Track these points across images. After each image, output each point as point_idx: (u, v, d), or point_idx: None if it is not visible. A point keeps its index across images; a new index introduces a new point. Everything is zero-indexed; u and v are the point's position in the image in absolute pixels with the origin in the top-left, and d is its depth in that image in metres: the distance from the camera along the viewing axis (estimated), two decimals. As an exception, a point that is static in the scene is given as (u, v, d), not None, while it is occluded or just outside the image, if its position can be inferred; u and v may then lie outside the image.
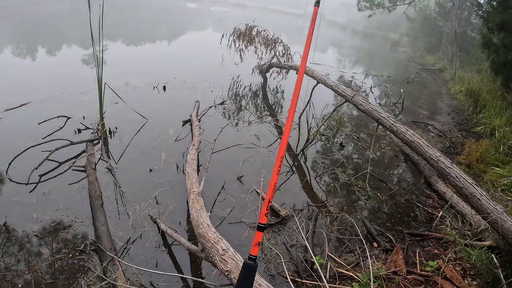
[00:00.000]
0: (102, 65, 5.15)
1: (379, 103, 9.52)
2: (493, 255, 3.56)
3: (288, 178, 4.99)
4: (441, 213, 4.72)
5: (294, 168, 5.32)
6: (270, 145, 5.93)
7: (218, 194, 4.39)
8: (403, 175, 5.75)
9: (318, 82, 6.07)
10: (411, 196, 5.10)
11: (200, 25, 22.57)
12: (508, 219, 3.42)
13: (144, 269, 3.03)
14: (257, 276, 2.37)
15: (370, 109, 4.95)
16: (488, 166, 5.90)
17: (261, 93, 8.67)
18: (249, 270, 1.18)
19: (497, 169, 5.55)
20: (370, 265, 3.17)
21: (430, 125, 8.50)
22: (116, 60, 9.87)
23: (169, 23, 20.83)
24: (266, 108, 7.87)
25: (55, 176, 4.34)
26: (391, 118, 4.70)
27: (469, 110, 10.04)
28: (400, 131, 4.47)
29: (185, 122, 6.14)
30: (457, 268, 3.95)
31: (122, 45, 13.33)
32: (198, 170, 4.44)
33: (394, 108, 9.15)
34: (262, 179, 3.60)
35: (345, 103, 5.67)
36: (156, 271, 3.02)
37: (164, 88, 7.67)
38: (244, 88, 8.72)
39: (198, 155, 4.87)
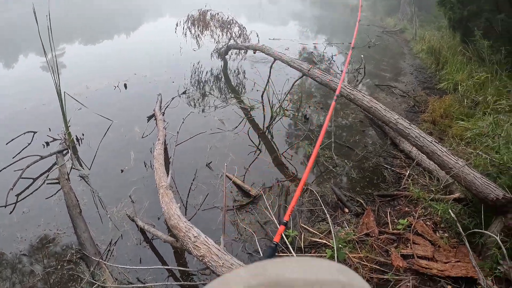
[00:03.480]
0: (58, 73, 5.11)
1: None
2: (449, 208, 3.78)
3: (256, 158, 5.15)
4: (408, 171, 4.92)
5: (261, 147, 5.49)
6: (236, 127, 6.04)
7: (191, 184, 4.51)
8: (369, 139, 5.96)
9: (274, 59, 6.15)
10: (378, 158, 5.30)
11: (156, 13, 22.00)
12: (470, 171, 3.60)
13: (129, 267, 3.18)
14: (228, 256, 2.53)
15: (326, 80, 5.10)
16: (453, 120, 6.10)
17: (223, 76, 8.66)
18: (271, 251, 1.36)
19: (462, 122, 5.71)
20: (334, 232, 3.36)
21: (393, 87, 8.72)
22: (75, 63, 9.67)
23: (124, 15, 20.04)
24: (229, 90, 7.92)
25: (31, 193, 4.40)
26: (348, 87, 4.85)
27: (431, 68, 10.27)
28: (357, 99, 4.63)
29: (149, 118, 6.17)
30: (428, 223, 4.15)
31: (80, 46, 12.95)
32: (169, 163, 4.52)
33: (357, 74, 9.32)
34: (226, 164, 3.76)
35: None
36: (140, 267, 3.16)
37: (125, 86, 7.59)
38: (206, 73, 8.69)
39: (166, 148, 4.96)
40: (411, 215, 4.19)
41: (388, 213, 4.29)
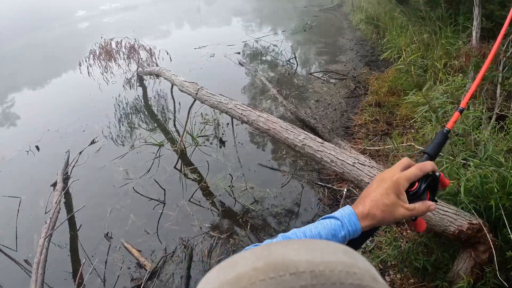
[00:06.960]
0: None
1: (288, 61, 9.03)
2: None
3: (162, 212, 4.27)
4: (346, 188, 4.04)
5: (168, 196, 4.60)
6: (144, 174, 5.12)
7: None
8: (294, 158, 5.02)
9: (172, 84, 5.52)
10: (311, 174, 4.54)
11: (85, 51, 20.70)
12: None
13: None
14: None
15: (215, 102, 4.35)
16: (402, 96, 5.31)
17: (143, 107, 7.65)
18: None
19: (412, 97, 4.47)
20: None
21: (329, 71, 8.03)
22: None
23: (50, 60, 17.70)
24: (152, 123, 6.96)
25: None
26: (239, 106, 4.02)
27: (372, 38, 9.75)
28: (251, 120, 3.76)
29: (54, 185, 5.29)
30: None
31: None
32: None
33: (290, 65, 8.73)
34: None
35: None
36: None
37: (37, 147, 6.73)
38: (123, 110, 7.69)
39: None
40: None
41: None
